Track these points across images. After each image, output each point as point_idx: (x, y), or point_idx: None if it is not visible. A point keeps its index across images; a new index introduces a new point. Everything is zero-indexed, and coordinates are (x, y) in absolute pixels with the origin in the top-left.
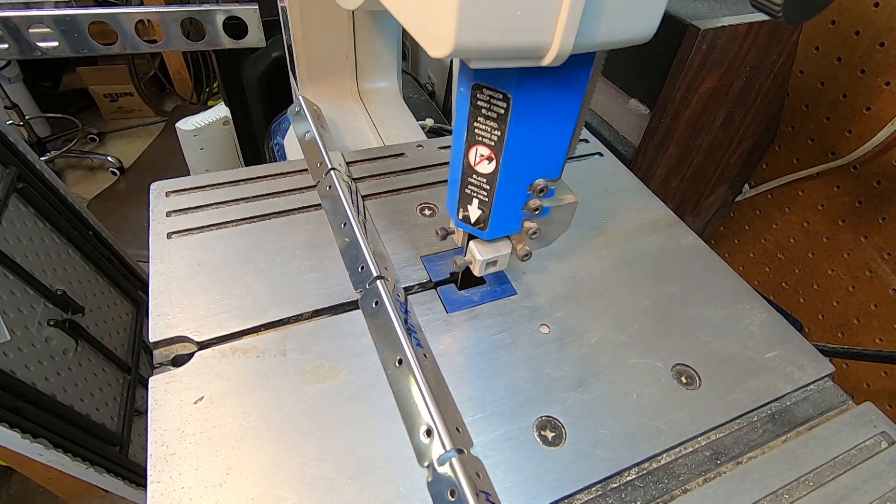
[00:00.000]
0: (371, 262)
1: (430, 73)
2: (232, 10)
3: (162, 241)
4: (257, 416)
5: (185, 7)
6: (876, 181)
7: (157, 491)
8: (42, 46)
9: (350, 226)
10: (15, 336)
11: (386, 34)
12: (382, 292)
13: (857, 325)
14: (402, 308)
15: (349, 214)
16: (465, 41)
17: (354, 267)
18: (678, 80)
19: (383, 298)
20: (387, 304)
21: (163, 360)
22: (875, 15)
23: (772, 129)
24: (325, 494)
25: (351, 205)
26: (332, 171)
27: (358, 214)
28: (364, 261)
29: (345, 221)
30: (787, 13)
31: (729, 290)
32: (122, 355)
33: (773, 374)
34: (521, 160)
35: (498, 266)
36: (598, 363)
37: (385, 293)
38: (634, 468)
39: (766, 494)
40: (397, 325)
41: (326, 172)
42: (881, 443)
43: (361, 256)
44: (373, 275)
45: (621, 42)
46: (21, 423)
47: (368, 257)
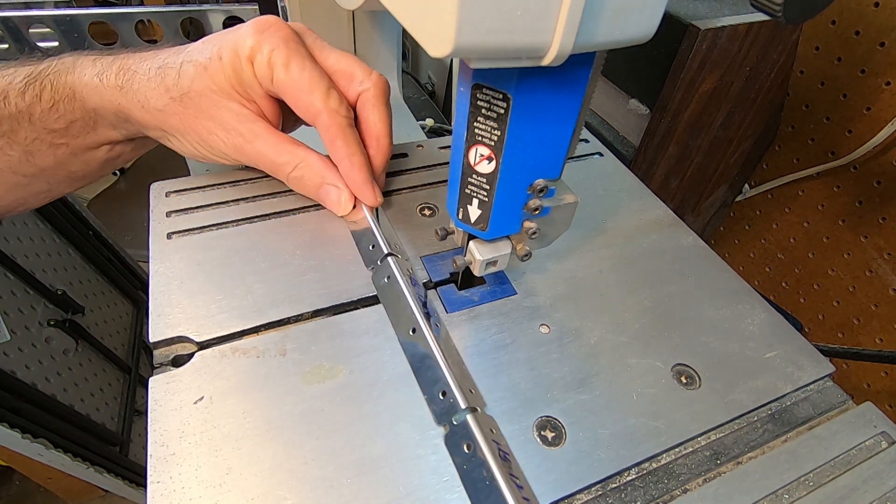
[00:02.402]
0: (456, 390)
1: (430, 73)
2: (232, 10)
3: (162, 241)
4: (257, 416)
5: (185, 7)
6: (876, 181)
7: (157, 491)
8: (42, 46)
9: (422, 333)
10: (15, 336)
11: (386, 34)
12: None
13: (857, 325)
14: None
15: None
16: (465, 41)
17: (434, 393)
18: (678, 80)
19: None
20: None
21: (163, 361)
22: (875, 15)
23: (772, 129)
24: (325, 494)
25: (417, 303)
26: (389, 256)
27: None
28: (445, 385)
29: (413, 327)
30: (787, 13)
31: (729, 290)
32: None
33: (773, 374)
34: (521, 160)
35: (498, 266)
36: (598, 363)
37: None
38: (634, 468)
39: (766, 494)
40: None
41: (383, 259)
42: (881, 443)
43: (441, 379)
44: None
45: (621, 42)
46: (21, 423)
47: (451, 380)
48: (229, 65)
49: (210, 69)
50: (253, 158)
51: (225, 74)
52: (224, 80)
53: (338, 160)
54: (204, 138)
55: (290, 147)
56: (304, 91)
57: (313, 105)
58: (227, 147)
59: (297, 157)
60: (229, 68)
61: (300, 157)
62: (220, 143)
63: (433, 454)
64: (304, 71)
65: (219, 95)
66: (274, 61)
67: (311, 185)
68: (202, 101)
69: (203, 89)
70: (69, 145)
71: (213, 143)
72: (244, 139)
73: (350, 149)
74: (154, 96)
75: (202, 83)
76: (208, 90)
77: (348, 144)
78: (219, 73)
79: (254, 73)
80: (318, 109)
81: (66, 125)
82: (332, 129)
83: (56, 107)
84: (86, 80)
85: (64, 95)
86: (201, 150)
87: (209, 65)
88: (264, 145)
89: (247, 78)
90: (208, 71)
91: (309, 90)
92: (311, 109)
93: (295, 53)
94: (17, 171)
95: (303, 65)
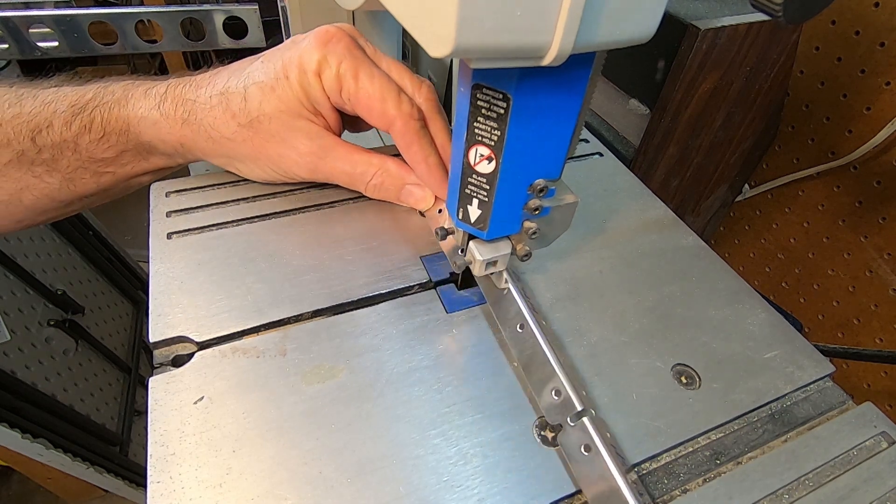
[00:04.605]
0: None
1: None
2: (232, 10)
3: (162, 241)
4: (257, 416)
5: (185, 7)
6: (876, 181)
7: (157, 491)
8: (42, 46)
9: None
10: (15, 336)
11: (386, 34)
12: None
13: (857, 325)
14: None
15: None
16: (465, 41)
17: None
18: (678, 80)
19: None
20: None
21: (163, 361)
22: (875, 15)
23: (772, 129)
24: (325, 494)
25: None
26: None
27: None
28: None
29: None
30: (787, 13)
31: (729, 290)
32: (122, 355)
33: (773, 374)
34: (521, 160)
35: (498, 266)
36: (598, 363)
37: None
38: (634, 468)
39: (766, 494)
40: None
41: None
42: (881, 443)
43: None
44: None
45: (621, 42)
46: (21, 423)
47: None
48: (297, 82)
49: (278, 90)
50: (328, 174)
51: (294, 93)
52: (293, 99)
53: (415, 163)
54: (276, 162)
55: (365, 157)
56: (377, 100)
57: (387, 113)
58: (300, 168)
59: (373, 165)
60: (297, 86)
61: (377, 164)
62: (293, 166)
63: (433, 454)
64: (374, 79)
65: (288, 115)
66: (343, 73)
67: (392, 189)
68: (272, 124)
69: (273, 111)
70: (115, 174)
71: (286, 166)
72: (317, 157)
73: (425, 151)
74: (220, 125)
75: (271, 105)
76: (278, 111)
77: (423, 147)
78: (287, 93)
79: (322, 87)
80: (393, 116)
81: (116, 155)
82: (407, 135)
83: (107, 138)
84: (141, 113)
85: (116, 129)
86: (273, 173)
87: (276, 85)
88: (338, 159)
89: (315, 93)
90: (276, 92)
91: (381, 99)
92: (385, 117)
93: (362, 63)
94: (55, 199)
95: (371, 73)
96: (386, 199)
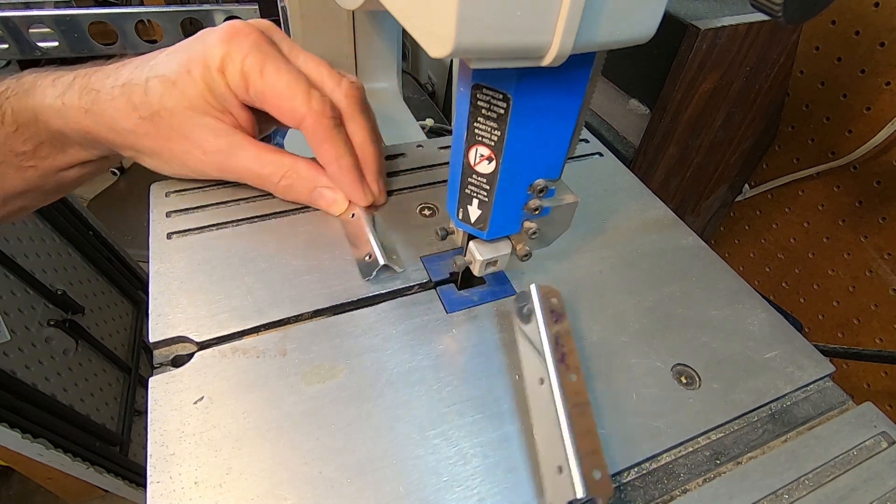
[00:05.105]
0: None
1: (430, 73)
2: (232, 10)
3: (162, 241)
4: (257, 416)
5: (185, 7)
6: (876, 181)
7: (157, 491)
8: (42, 46)
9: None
10: (15, 336)
11: (386, 34)
12: None
13: (857, 325)
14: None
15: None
16: (465, 41)
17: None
18: (678, 80)
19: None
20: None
21: (163, 361)
22: (875, 15)
23: (772, 129)
24: (325, 494)
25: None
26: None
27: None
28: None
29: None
30: (787, 13)
31: (729, 290)
32: (122, 355)
33: (773, 374)
34: (521, 160)
35: (498, 266)
36: (598, 363)
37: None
38: (634, 468)
39: (766, 494)
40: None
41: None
42: (881, 443)
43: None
44: None
45: (621, 42)
46: (21, 423)
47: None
48: (200, 78)
49: (180, 84)
50: (236, 173)
51: (196, 88)
52: (196, 95)
53: (326, 164)
54: (181, 159)
55: (274, 156)
56: (285, 97)
57: (296, 110)
58: (206, 166)
59: (283, 165)
60: (201, 82)
61: (287, 164)
62: (198, 164)
63: (433, 454)
64: (280, 75)
65: (192, 111)
66: (248, 69)
67: (302, 191)
68: (174, 119)
69: (174, 106)
70: (38, 167)
71: (191, 163)
72: (224, 155)
73: (338, 151)
74: (122, 117)
75: (172, 100)
76: (180, 107)
77: (335, 147)
78: (190, 89)
79: (227, 83)
80: (302, 114)
81: (34, 147)
82: (318, 133)
83: (20, 130)
84: (48, 102)
85: (26, 119)
86: (180, 169)
87: (178, 80)
88: (246, 158)
89: (220, 90)
90: (178, 87)
91: (289, 95)
92: (294, 115)
93: (269, 57)
94: None
95: (278, 68)
96: (298, 200)
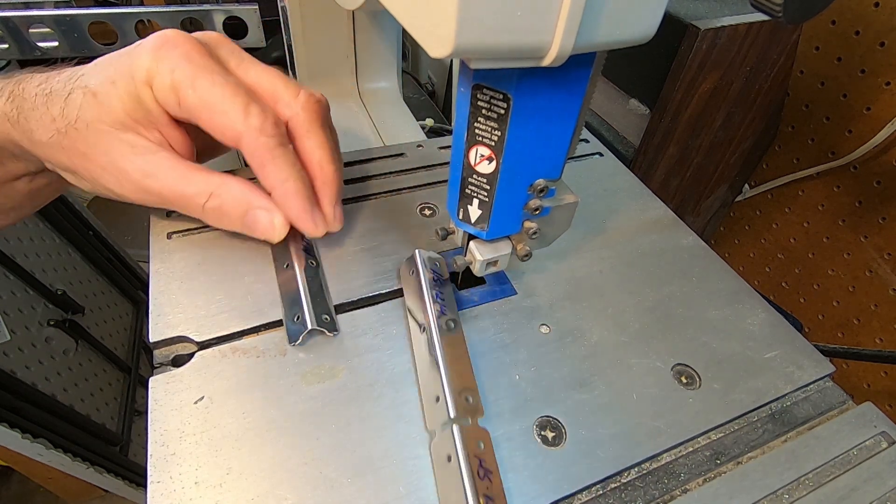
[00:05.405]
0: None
1: (430, 73)
2: (232, 10)
3: (162, 241)
4: (257, 416)
5: (185, 7)
6: (876, 181)
7: (157, 491)
8: (42, 46)
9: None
10: (15, 336)
11: (386, 34)
12: None
13: (857, 325)
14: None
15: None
16: (465, 41)
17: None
18: (678, 80)
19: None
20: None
21: (163, 360)
22: (875, 15)
23: (772, 129)
24: (326, 494)
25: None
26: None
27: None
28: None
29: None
30: (787, 13)
31: (729, 290)
32: (122, 355)
33: (773, 374)
34: (521, 160)
35: (498, 266)
36: (598, 363)
37: None
38: (634, 468)
39: (766, 494)
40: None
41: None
42: (881, 443)
43: (439, 383)
44: None
45: (621, 42)
46: (21, 423)
47: (447, 386)
48: (124, 91)
49: (100, 96)
50: (158, 195)
51: (121, 102)
52: (119, 109)
53: (269, 188)
54: (97, 177)
55: (202, 174)
56: (218, 112)
57: (231, 127)
58: (124, 187)
59: (210, 183)
60: (125, 95)
61: (215, 182)
62: (115, 184)
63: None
64: (214, 87)
65: (110, 126)
66: (178, 82)
67: (234, 213)
68: (90, 133)
69: (92, 120)
70: None
71: (108, 182)
72: (143, 174)
73: (282, 174)
74: (38, 128)
75: (91, 113)
76: (97, 121)
77: (280, 169)
78: (112, 101)
79: (154, 98)
80: (238, 132)
81: None
82: (257, 153)
83: None
84: None
85: None
86: (99, 189)
87: (99, 91)
88: (168, 177)
89: (148, 104)
90: (98, 98)
91: (223, 110)
92: (228, 132)
93: (202, 69)
94: None
95: (213, 80)
96: (230, 227)
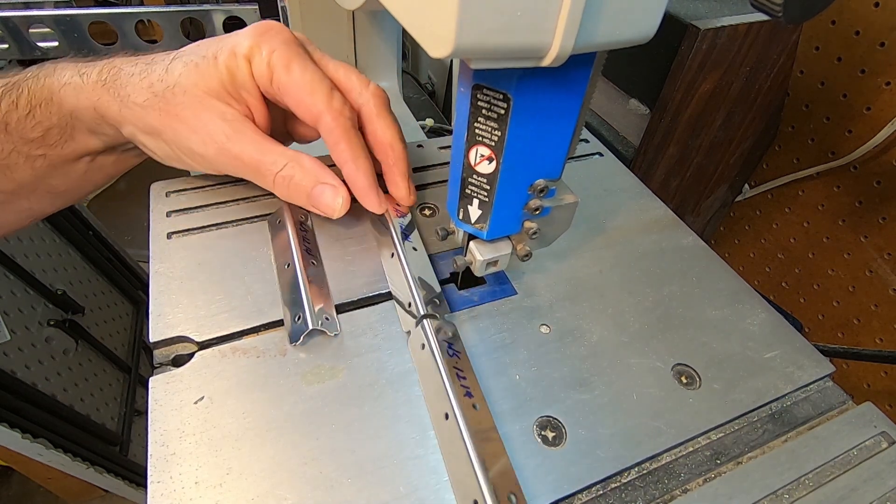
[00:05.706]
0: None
1: (430, 73)
2: (232, 10)
3: (162, 241)
4: (257, 416)
5: (185, 7)
6: (876, 181)
7: (157, 491)
8: (42, 46)
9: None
10: (15, 336)
11: (386, 34)
12: None
13: (857, 325)
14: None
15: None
16: (466, 41)
17: None
18: (678, 80)
19: None
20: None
21: (163, 360)
22: (875, 15)
23: (772, 129)
24: (326, 494)
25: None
26: (425, 319)
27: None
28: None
29: (446, 413)
30: (787, 13)
31: (729, 290)
32: (122, 355)
33: (773, 374)
34: (521, 160)
35: (498, 266)
36: (598, 363)
37: None
38: (634, 468)
39: (766, 494)
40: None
41: (419, 322)
42: (881, 443)
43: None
44: None
45: (621, 42)
46: (21, 423)
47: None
48: (223, 64)
49: (201, 66)
50: (237, 157)
51: (218, 73)
52: (215, 79)
53: (341, 163)
54: (181, 139)
55: (278, 147)
56: (307, 92)
57: (316, 106)
58: (205, 147)
59: (285, 155)
60: (223, 67)
61: (289, 156)
62: (199, 145)
63: (433, 454)
64: (306, 72)
65: (204, 92)
66: (274, 62)
67: (303, 185)
68: (186, 97)
69: (189, 85)
70: (47, 156)
71: (191, 144)
72: (226, 137)
73: (354, 152)
74: (136, 91)
75: (190, 80)
76: (195, 86)
77: (352, 147)
78: (211, 71)
79: (250, 71)
80: (321, 111)
81: (43, 133)
82: (336, 131)
83: (33, 113)
84: (65, 79)
85: (41, 99)
86: (176, 151)
87: (201, 63)
88: (249, 144)
89: (242, 77)
90: (199, 68)
91: (311, 91)
92: (313, 111)
93: (296, 55)
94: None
95: (304, 66)
96: (296, 198)
